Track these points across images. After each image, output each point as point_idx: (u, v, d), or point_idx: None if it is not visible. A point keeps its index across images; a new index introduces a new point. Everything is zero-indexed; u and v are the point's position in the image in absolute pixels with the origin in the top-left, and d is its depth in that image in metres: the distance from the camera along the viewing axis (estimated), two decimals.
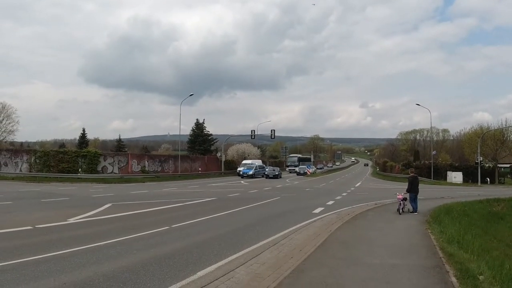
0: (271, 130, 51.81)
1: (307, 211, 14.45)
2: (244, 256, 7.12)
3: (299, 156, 79.73)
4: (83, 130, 70.33)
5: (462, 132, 74.28)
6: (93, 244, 7.76)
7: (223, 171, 50.85)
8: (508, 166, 55.93)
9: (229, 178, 42.47)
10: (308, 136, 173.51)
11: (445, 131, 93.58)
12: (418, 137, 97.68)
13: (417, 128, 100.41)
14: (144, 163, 40.06)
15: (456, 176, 46.24)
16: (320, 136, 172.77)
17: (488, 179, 46.88)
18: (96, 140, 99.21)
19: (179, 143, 51.44)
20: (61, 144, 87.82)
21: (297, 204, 17.52)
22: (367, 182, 45.52)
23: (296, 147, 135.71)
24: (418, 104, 51.74)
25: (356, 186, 34.91)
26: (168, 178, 38.81)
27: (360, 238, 9.04)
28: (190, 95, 48.94)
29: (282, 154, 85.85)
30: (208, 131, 61.95)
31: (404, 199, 14.12)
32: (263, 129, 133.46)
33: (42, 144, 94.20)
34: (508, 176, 54.93)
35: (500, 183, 48.54)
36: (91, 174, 34.27)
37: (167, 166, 43.42)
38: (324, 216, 12.84)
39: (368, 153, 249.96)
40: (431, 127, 68.74)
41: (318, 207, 15.41)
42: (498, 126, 50.73)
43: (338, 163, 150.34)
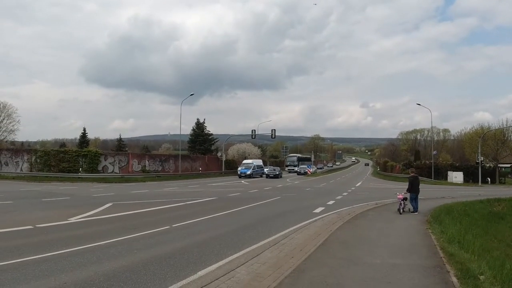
0: (272, 130, 51.80)
1: (307, 210, 14.44)
2: (244, 255, 7.12)
3: (299, 155, 79.42)
4: (84, 130, 70.47)
5: (462, 132, 74.26)
6: (93, 243, 7.77)
7: (223, 170, 50.88)
8: (508, 166, 55.95)
9: (229, 178, 42.47)
10: (309, 136, 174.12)
11: (445, 131, 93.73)
12: (418, 137, 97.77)
13: (417, 128, 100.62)
14: (145, 163, 40.10)
15: (456, 176, 46.25)
16: (321, 136, 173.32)
17: (489, 179, 46.86)
18: (96, 139, 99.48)
19: (180, 143, 51.46)
20: (61, 143, 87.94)
21: (297, 203, 17.52)
22: (368, 182, 45.51)
23: (296, 146, 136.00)
24: (418, 104, 51.72)
25: (356, 186, 34.90)
26: (169, 178, 38.85)
27: (360, 238, 9.04)
28: (191, 95, 49.03)
29: (283, 154, 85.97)
30: (208, 131, 62.08)
31: (405, 199, 14.11)
32: (263, 128, 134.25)
33: (43, 143, 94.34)
34: (509, 176, 54.94)
35: (500, 183, 48.48)
36: (91, 173, 34.34)
37: (168, 165, 43.46)
38: (324, 216, 12.83)
39: (369, 153, 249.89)
40: (431, 126, 68.66)
41: (318, 207, 15.40)
42: (499, 126, 50.70)
43: (338, 163, 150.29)
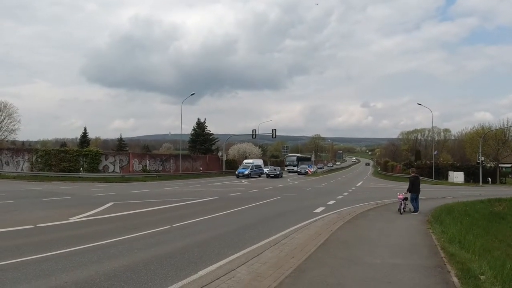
0: (272, 130, 51.78)
1: (308, 210, 14.44)
2: (245, 255, 7.12)
3: (298, 155, 79.05)
4: (85, 129, 70.64)
5: (463, 132, 74.31)
6: (94, 243, 7.77)
7: (224, 170, 50.90)
8: (509, 166, 55.89)
9: (230, 178, 42.46)
10: (309, 135, 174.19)
11: (446, 130, 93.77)
12: (419, 136, 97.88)
13: (418, 127, 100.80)
14: (145, 162, 40.13)
15: (457, 176, 46.24)
16: (321, 136, 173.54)
17: (490, 179, 46.85)
18: (97, 139, 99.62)
19: (180, 143, 51.48)
20: (62, 143, 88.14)
21: (298, 203, 17.51)
22: (368, 181, 45.50)
23: (297, 146, 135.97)
24: (419, 104, 51.70)
25: (357, 185, 34.89)
26: (169, 178, 38.89)
27: (361, 237, 9.03)
28: (191, 95, 49.02)
29: (283, 154, 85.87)
30: (209, 131, 62.16)
31: (405, 199, 14.09)
32: (264, 128, 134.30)
33: (44, 143, 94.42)
34: (510, 176, 54.89)
35: (501, 183, 48.45)
36: (92, 173, 34.39)
37: (168, 165, 43.49)
38: (325, 216, 12.82)
39: (369, 152, 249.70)
40: (432, 126, 68.64)
41: (319, 207, 15.39)
42: (500, 126, 50.67)
43: (339, 163, 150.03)
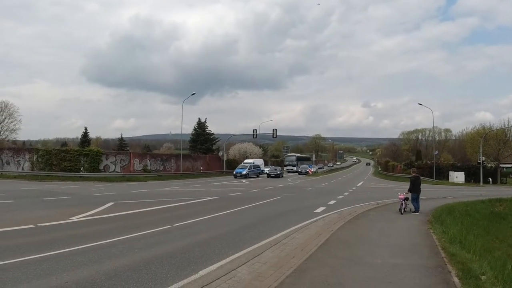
0: (273, 130, 51.83)
1: (308, 210, 14.43)
2: (245, 255, 7.11)
3: (298, 155, 78.69)
4: (85, 129, 70.78)
5: (464, 132, 74.15)
6: (95, 242, 7.77)
7: (224, 170, 50.90)
8: (510, 166, 55.84)
9: (230, 178, 42.42)
10: (310, 135, 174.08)
11: (447, 130, 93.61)
12: (420, 136, 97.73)
13: (419, 127, 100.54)
14: (146, 162, 40.15)
15: (458, 176, 46.20)
16: (322, 136, 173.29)
17: (490, 179, 46.80)
18: (98, 139, 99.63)
19: (181, 142, 51.53)
20: (63, 143, 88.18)
21: (298, 203, 17.51)
22: (369, 181, 45.48)
23: (297, 146, 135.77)
24: (420, 104, 51.66)
25: (357, 185, 34.88)
26: (170, 177, 38.91)
27: (361, 237, 9.03)
28: (192, 94, 49.03)
29: (284, 154, 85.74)
30: (209, 130, 62.17)
31: (406, 199, 14.09)
32: (264, 128, 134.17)
33: (44, 142, 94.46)
34: (510, 176, 54.80)
35: (502, 183, 48.39)
36: (93, 172, 34.40)
37: (169, 165, 43.51)
38: (325, 216, 12.81)
39: (370, 152, 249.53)
40: (433, 126, 68.44)
41: (319, 207, 15.38)
42: (501, 126, 50.63)
43: (339, 163, 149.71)
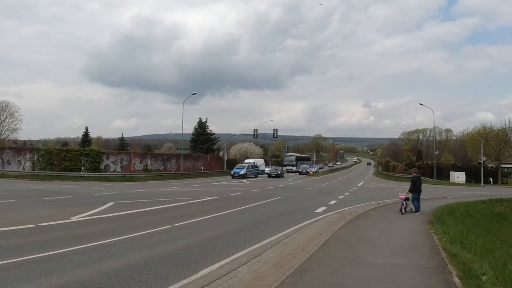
0: (274, 129, 51.83)
1: (309, 210, 14.42)
2: (246, 255, 7.11)
3: (297, 155, 78.37)
4: (86, 129, 70.93)
5: (465, 132, 73.89)
6: (95, 242, 7.78)
7: (225, 170, 50.89)
8: (511, 166, 55.68)
9: (231, 177, 42.44)
10: (311, 135, 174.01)
11: (448, 131, 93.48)
12: (421, 137, 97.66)
13: (419, 127, 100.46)
14: (147, 162, 40.17)
15: (459, 176, 46.14)
16: (323, 136, 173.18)
17: (491, 179, 46.71)
18: (99, 138, 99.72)
19: (182, 142, 51.59)
20: (64, 142, 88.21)
21: (299, 203, 17.50)
22: (370, 181, 45.45)
23: (298, 146, 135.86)
24: (421, 104, 51.67)
25: (358, 185, 34.86)
26: (171, 177, 38.93)
27: (362, 237, 9.02)
28: (193, 94, 49.04)
29: (284, 154, 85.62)
30: (210, 130, 62.17)
31: (407, 199, 14.08)
32: (265, 128, 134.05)
33: (45, 142, 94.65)
34: (511, 176, 54.68)
35: (503, 183, 48.30)
36: (93, 172, 34.41)
37: (170, 164, 43.52)
38: (326, 216, 12.80)
39: (371, 152, 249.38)
40: (434, 126, 68.42)
41: (320, 207, 15.37)
42: (501, 126, 50.53)
43: (339, 163, 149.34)
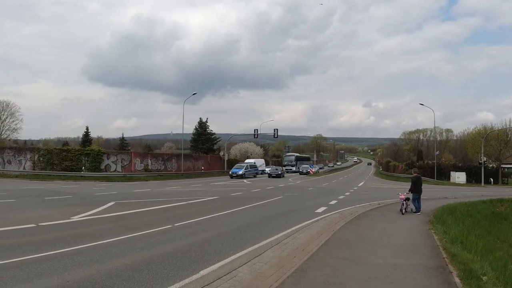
0: (274, 129, 51.79)
1: (310, 210, 14.42)
2: (247, 255, 7.11)
3: (297, 155, 78.11)
4: (87, 129, 71.06)
5: (465, 132, 73.91)
6: (96, 242, 7.78)
7: (226, 170, 50.88)
8: (511, 166, 55.62)
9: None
10: (311, 135, 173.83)
11: (448, 131, 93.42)
12: (421, 137, 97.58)
13: (420, 128, 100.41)
14: (147, 162, 40.19)
15: (459, 176, 46.10)
16: (323, 136, 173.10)
17: (492, 180, 46.65)
18: (99, 138, 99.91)
19: (182, 142, 51.58)
20: (64, 142, 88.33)
21: (300, 203, 17.50)
22: (370, 181, 45.43)
23: (299, 146, 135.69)
24: (421, 104, 51.66)
25: (359, 185, 34.85)
26: (171, 177, 38.95)
27: (363, 237, 9.02)
28: (193, 94, 49.05)
29: (285, 153, 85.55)
30: (211, 130, 62.20)
31: (407, 199, 14.07)
32: (266, 128, 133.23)
33: (46, 142, 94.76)
34: None
35: (503, 183, 48.27)
36: (94, 172, 34.44)
37: (170, 164, 43.53)
38: (327, 216, 12.80)
39: (371, 152, 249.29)
40: (434, 126, 68.45)
41: (321, 207, 15.37)
42: (502, 126, 50.51)
43: (339, 163, 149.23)
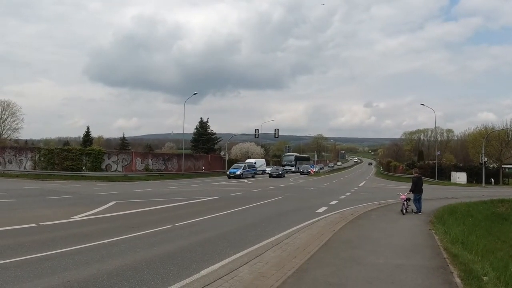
0: (275, 129, 51.83)
1: (310, 210, 14.42)
2: (247, 255, 7.11)
3: (296, 155, 77.82)
4: (88, 128, 71.11)
5: (466, 132, 73.91)
6: (96, 242, 7.79)
7: (226, 170, 50.84)
8: None
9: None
10: (312, 135, 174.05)
11: (449, 131, 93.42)
12: (422, 137, 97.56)
13: (421, 128, 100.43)
14: (148, 162, 40.20)
15: (460, 177, 46.07)
16: (324, 136, 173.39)
17: (493, 180, 46.62)
18: (100, 138, 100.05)
19: (183, 142, 51.57)
20: (65, 142, 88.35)
21: (300, 203, 17.50)
22: (371, 182, 45.40)
23: (299, 146, 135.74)
24: (422, 104, 51.66)
25: (359, 185, 34.82)
26: (172, 177, 38.97)
27: (363, 238, 9.01)
28: (194, 94, 48.95)
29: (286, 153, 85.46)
30: (211, 130, 62.18)
31: (408, 199, 14.06)
32: (266, 128, 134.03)
33: (47, 142, 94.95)
34: None
35: (504, 183, 48.23)
36: (95, 172, 34.44)
37: (171, 164, 43.54)
38: (327, 216, 12.80)
39: (372, 153, 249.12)
40: (435, 127, 68.45)
41: (321, 207, 15.37)
42: (503, 127, 50.48)
43: (340, 163, 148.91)
